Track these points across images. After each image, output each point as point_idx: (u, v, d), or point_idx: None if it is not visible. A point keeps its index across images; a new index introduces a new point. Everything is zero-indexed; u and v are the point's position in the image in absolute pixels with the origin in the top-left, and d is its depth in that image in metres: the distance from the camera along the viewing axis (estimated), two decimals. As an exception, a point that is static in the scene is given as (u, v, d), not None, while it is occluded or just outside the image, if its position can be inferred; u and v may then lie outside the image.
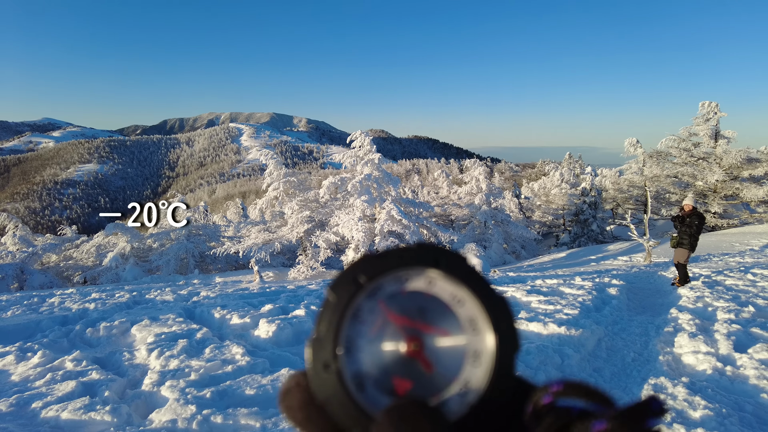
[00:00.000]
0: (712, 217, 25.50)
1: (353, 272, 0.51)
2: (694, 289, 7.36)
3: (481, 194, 29.74)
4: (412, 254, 0.51)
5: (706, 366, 4.25)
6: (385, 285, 0.53)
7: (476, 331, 0.52)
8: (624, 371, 4.62)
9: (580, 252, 24.23)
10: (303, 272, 20.48)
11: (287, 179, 21.63)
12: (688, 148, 26.22)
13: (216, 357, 4.53)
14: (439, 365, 0.50)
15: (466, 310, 0.52)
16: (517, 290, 7.46)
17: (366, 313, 0.52)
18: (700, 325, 5.24)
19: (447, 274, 0.52)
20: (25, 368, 4.76)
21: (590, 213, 32.41)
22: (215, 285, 14.14)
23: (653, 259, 16.43)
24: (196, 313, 6.86)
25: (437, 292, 0.53)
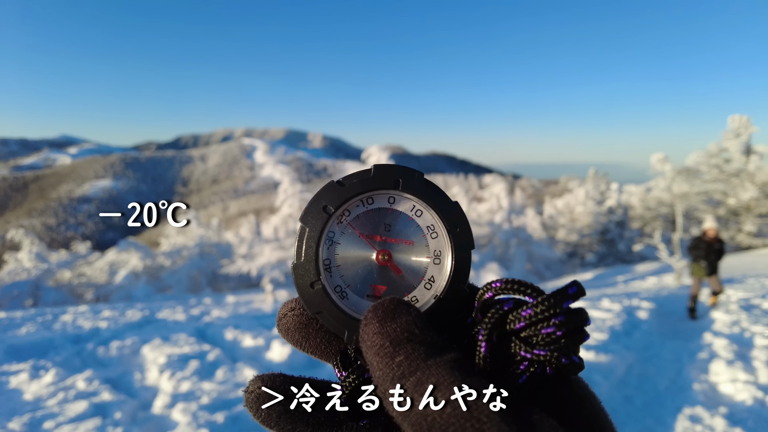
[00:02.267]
0: (746, 236, 24.66)
1: (321, 202, 0.62)
2: (729, 313, 7.07)
3: (502, 212, 29.08)
4: (372, 179, 0.63)
5: (745, 396, 4.01)
6: (352, 208, 0.64)
7: (436, 234, 0.64)
8: (657, 400, 4.39)
9: (607, 273, 23.73)
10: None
11: (302, 196, 21.61)
12: (719, 165, 25.40)
13: (228, 380, 4.39)
14: (407, 268, 0.64)
15: (425, 219, 0.65)
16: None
17: (338, 235, 0.63)
18: (737, 352, 4.98)
19: (406, 192, 0.64)
20: (38, 387, 4.69)
21: (617, 232, 31.65)
22: (227, 304, 14.04)
23: (684, 280, 15.96)
24: (208, 334, 6.73)
25: (399, 208, 0.65)
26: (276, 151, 26.68)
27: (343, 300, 0.62)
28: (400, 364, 0.47)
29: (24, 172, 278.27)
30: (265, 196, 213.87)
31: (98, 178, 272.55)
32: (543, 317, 0.51)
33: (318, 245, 0.61)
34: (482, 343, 0.52)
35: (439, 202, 0.64)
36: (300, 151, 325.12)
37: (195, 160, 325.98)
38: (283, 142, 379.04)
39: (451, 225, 0.63)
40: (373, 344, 0.50)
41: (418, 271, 0.64)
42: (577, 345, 0.53)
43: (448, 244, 0.63)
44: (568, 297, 0.53)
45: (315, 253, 0.61)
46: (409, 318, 0.52)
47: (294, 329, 0.63)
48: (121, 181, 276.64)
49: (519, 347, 0.52)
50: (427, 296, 0.63)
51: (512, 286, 0.55)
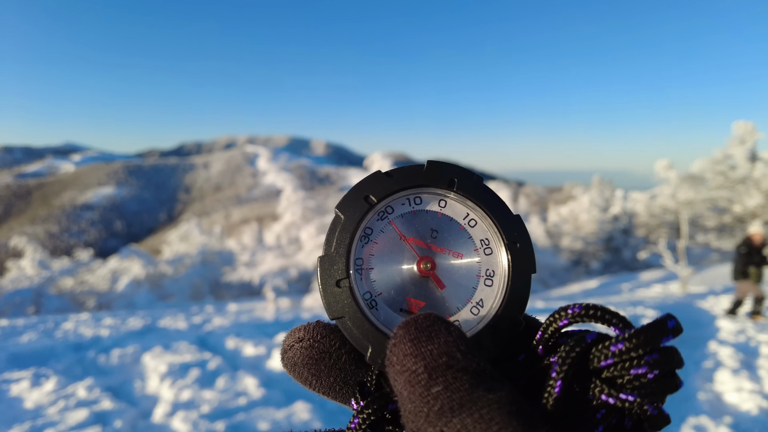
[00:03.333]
0: None
1: (363, 191, 0.54)
2: (735, 322, 7.03)
3: None
4: (424, 175, 0.55)
5: (751, 405, 3.97)
6: (397, 205, 0.56)
7: (490, 251, 0.55)
8: (661, 409, 4.35)
9: (612, 281, 23.63)
10: (318, 300, 20.26)
11: (304, 204, 21.64)
12: (724, 171, 25.31)
13: (229, 388, 4.37)
14: (452, 284, 0.54)
15: (479, 230, 0.56)
16: (540, 320, 7.22)
17: (377, 233, 0.55)
18: (743, 361, 4.95)
19: (461, 194, 0.55)
20: (38, 395, 4.68)
21: (622, 240, 31.55)
22: (229, 313, 14.02)
23: (690, 288, 15.87)
24: (209, 342, 6.72)
25: (450, 213, 0.56)
26: (279, 158, 26.76)
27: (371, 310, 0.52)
28: (438, 396, 0.36)
29: (27, 180, 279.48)
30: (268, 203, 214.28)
31: (101, 186, 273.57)
32: (635, 355, 0.42)
33: (353, 239, 0.53)
34: (557, 380, 0.42)
35: (498, 212, 0.55)
36: (303, 159, 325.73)
37: (198, 168, 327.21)
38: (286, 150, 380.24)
39: (510, 241, 0.54)
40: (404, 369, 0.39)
41: (466, 290, 0.54)
42: (668, 392, 0.44)
43: (505, 264, 0.53)
44: (667, 332, 0.43)
45: (348, 247, 0.52)
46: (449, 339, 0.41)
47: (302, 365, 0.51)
48: (124, 188, 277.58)
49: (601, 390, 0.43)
50: (472, 322, 0.53)
51: (594, 314, 0.46)
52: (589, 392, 0.44)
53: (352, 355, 0.53)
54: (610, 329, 0.47)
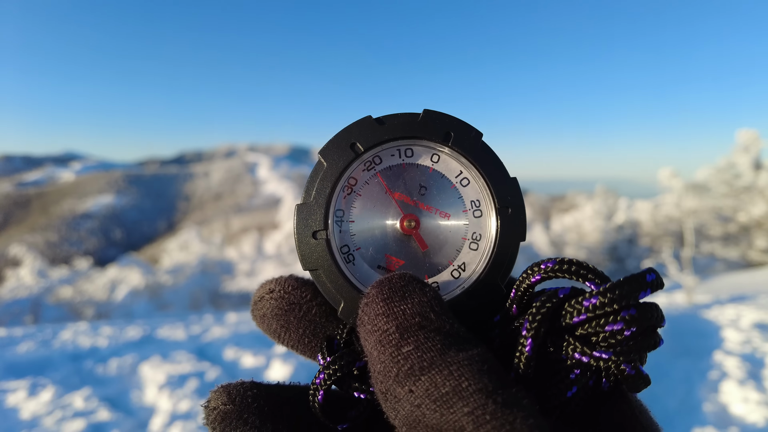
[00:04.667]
0: (757, 252, 24.40)
1: (350, 138, 0.50)
2: (740, 331, 6.97)
3: None
4: (419, 125, 0.51)
5: (757, 417, 3.92)
6: (385, 156, 0.52)
7: (479, 213, 0.52)
8: (667, 420, 4.29)
9: None
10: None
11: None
12: (728, 180, 25.30)
13: (230, 399, 4.32)
14: (436, 245, 0.51)
15: (471, 191, 0.52)
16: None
17: (361, 185, 0.52)
18: (749, 371, 4.89)
19: (456, 150, 0.51)
20: (35, 405, 4.62)
21: (626, 249, 31.44)
22: (228, 322, 13.92)
23: (694, 297, 15.77)
24: (207, 352, 6.66)
25: (442, 169, 0.52)
26: (279, 166, 26.75)
27: (347, 264, 0.50)
28: (408, 356, 0.36)
29: (27, 188, 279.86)
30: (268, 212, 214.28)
31: (100, 195, 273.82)
32: (610, 310, 0.40)
33: (334, 188, 0.49)
34: (527, 339, 0.40)
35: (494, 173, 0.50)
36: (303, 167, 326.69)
37: (198, 176, 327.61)
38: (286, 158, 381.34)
39: (502, 204, 0.50)
40: (375, 328, 0.39)
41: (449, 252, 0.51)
42: (646, 350, 0.43)
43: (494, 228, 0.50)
44: (645, 286, 0.42)
45: (328, 197, 0.49)
46: (423, 299, 0.39)
47: (271, 316, 0.50)
48: (124, 197, 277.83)
49: (574, 348, 0.41)
50: (452, 285, 0.50)
51: (569, 269, 0.44)
52: (563, 351, 0.42)
53: (323, 308, 0.51)
54: (586, 285, 0.45)
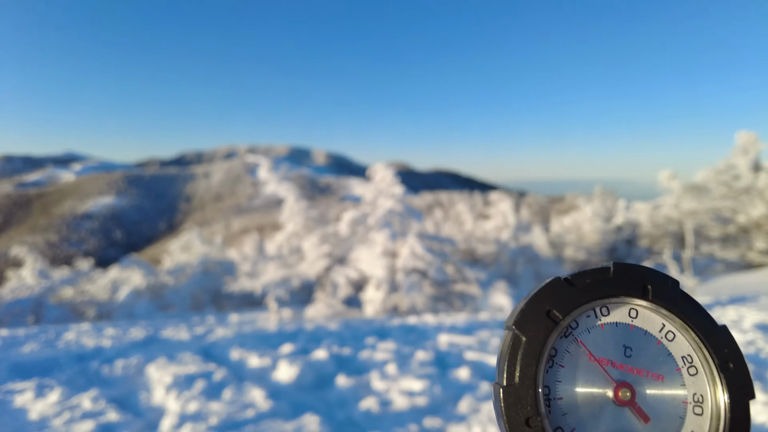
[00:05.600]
0: (757, 254, 24.51)
1: (544, 304, 0.45)
2: (744, 333, 7.00)
3: (508, 229, 29.07)
4: (612, 281, 0.46)
5: (765, 418, 3.94)
6: (581, 318, 0.46)
7: (695, 370, 0.45)
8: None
9: None
10: (321, 310, 20.18)
11: (307, 214, 21.64)
12: (727, 181, 25.40)
13: (236, 400, 4.34)
14: (656, 415, 0.44)
15: (679, 345, 0.46)
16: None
17: (562, 354, 0.45)
18: (754, 372, 4.92)
19: (656, 304, 0.46)
20: (43, 406, 4.65)
21: (626, 250, 31.54)
22: (231, 323, 13.95)
23: (696, 298, 15.85)
24: (213, 353, 6.69)
25: (643, 325, 0.46)
26: (279, 168, 26.78)
27: None
28: None
29: (28, 189, 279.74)
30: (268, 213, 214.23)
31: (101, 195, 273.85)
32: None
33: (538, 365, 0.44)
34: None
35: (701, 323, 0.46)
36: (304, 168, 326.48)
37: (198, 177, 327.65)
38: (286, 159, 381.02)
39: (721, 359, 0.45)
40: None
41: (672, 421, 0.44)
42: None
43: (718, 387, 0.44)
44: None
45: (534, 376, 0.43)
46: None
47: None
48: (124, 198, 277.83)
49: None
50: None
51: None
52: None
53: None
54: None
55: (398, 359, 5.60)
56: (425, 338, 7.24)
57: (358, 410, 4.18)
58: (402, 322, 9.53)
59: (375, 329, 8.16)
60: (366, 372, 5.34)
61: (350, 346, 6.52)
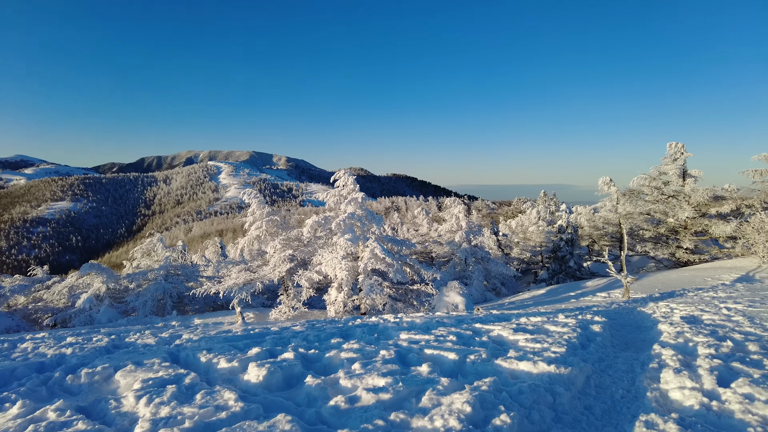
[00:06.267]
0: (684, 252, 26.30)
1: None
2: (673, 325, 7.55)
3: (461, 232, 30.10)
4: None
5: (693, 401, 4.36)
6: None
7: None
8: (614, 408, 4.70)
9: (560, 288, 24.55)
10: (285, 313, 20.18)
11: (270, 218, 21.57)
12: (659, 187, 27.30)
13: (208, 403, 4.45)
14: None
15: None
16: (503, 328, 7.54)
17: None
18: (683, 361, 5.38)
19: None
20: (3, 420, 4.58)
21: (567, 250, 33.05)
22: (196, 327, 13.83)
23: (631, 294, 16.75)
24: (181, 357, 6.71)
25: None
26: (240, 173, 26.60)
27: None
28: None
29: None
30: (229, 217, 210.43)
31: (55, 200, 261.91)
32: None
33: None
34: None
35: None
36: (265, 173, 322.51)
37: (159, 182, 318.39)
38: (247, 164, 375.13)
39: None
40: None
41: None
42: None
43: None
44: None
45: None
46: None
47: None
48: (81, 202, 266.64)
49: None
50: None
51: None
52: None
53: None
54: None
55: (363, 358, 5.82)
56: (387, 337, 7.49)
57: (326, 408, 4.37)
58: (364, 321, 9.76)
59: (339, 330, 8.35)
60: (333, 371, 5.53)
61: (316, 347, 6.69)
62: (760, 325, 7.25)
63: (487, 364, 5.49)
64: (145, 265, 28.36)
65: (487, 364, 5.49)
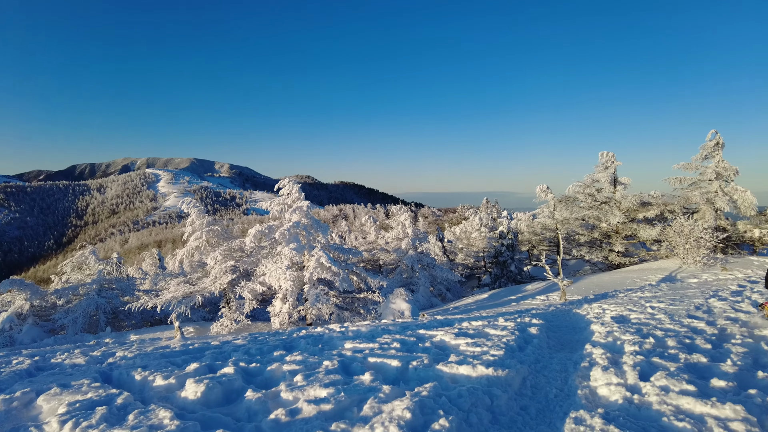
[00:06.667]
0: (616, 255, 27.96)
1: None
2: (604, 325, 8.00)
3: (408, 239, 30.49)
4: None
5: (617, 396, 4.65)
6: None
7: None
8: (548, 407, 4.92)
9: (501, 292, 25.34)
10: (227, 326, 19.60)
11: (210, 228, 20.94)
12: (592, 193, 29.01)
13: (142, 423, 4.26)
14: None
15: None
16: (446, 333, 7.70)
17: None
18: (611, 359, 5.72)
19: None
20: None
21: (508, 255, 34.25)
22: (131, 343, 13.17)
23: (568, 297, 17.55)
24: (113, 377, 6.38)
25: None
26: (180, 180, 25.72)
27: None
28: None
29: None
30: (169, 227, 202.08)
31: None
32: None
33: None
34: None
35: None
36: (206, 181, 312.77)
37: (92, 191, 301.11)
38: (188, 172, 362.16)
39: None
40: None
41: None
42: None
43: None
44: None
45: None
46: None
47: None
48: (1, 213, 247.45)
49: None
50: None
51: None
52: None
53: None
54: None
55: (306, 369, 5.77)
56: (332, 347, 7.46)
57: (267, 421, 4.30)
58: (309, 332, 9.68)
59: (282, 342, 8.23)
60: (274, 384, 5.45)
61: (258, 361, 6.57)
62: (678, 321, 7.82)
63: (429, 369, 5.60)
64: (76, 279, 26.72)
65: (429, 369, 5.60)
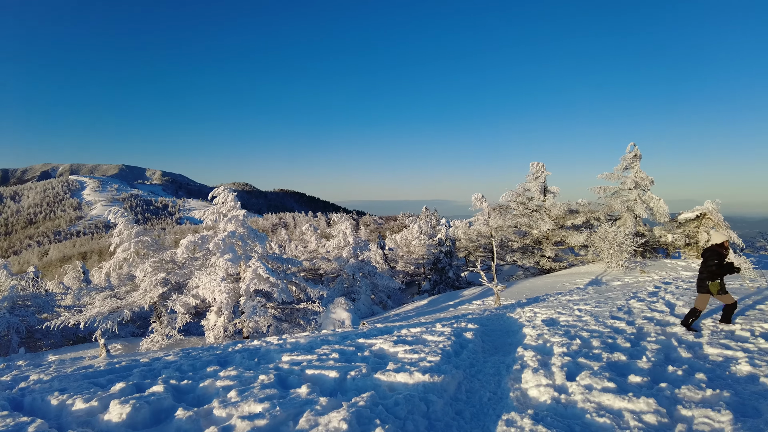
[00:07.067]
0: (547, 261, 29.40)
1: None
2: (535, 328, 8.35)
3: (349, 247, 30.46)
4: None
5: (546, 397, 4.85)
6: None
7: None
8: (482, 411, 5.05)
9: (440, 298, 25.86)
10: (157, 341, 18.66)
11: (140, 239, 19.91)
12: (524, 202, 30.49)
13: (56, 451, 3.95)
14: None
15: None
16: (385, 341, 7.73)
17: None
18: (541, 360, 5.97)
19: None
20: None
21: (446, 261, 35.07)
22: (49, 365, 12.20)
23: (502, 301, 18.17)
24: (25, 403, 5.87)
25: None
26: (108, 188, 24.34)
27: None
28: None
29: None
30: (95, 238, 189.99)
31: None
32: None
33: None
34: None
35: None
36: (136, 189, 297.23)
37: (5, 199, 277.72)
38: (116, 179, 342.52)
39: None
40: None
41: None
42: None
43: None
44: None
45: None
46: None
47: None
48: None
49: None
50: None
51: None
52: None
53: None
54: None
55: (240, 384, 5.59)
56: (268, 360, 7.28)
57: (197, 441, 4.12)
58: (245, 346, 9.40)
59: (217, 356, 7.94)
60: (207, 401, 5.24)
61: (190, 377, 6.29)
62: (602, 322, 8.31)
63: (367, 379, 5.59)
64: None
65: (367, 379, 5.59)
